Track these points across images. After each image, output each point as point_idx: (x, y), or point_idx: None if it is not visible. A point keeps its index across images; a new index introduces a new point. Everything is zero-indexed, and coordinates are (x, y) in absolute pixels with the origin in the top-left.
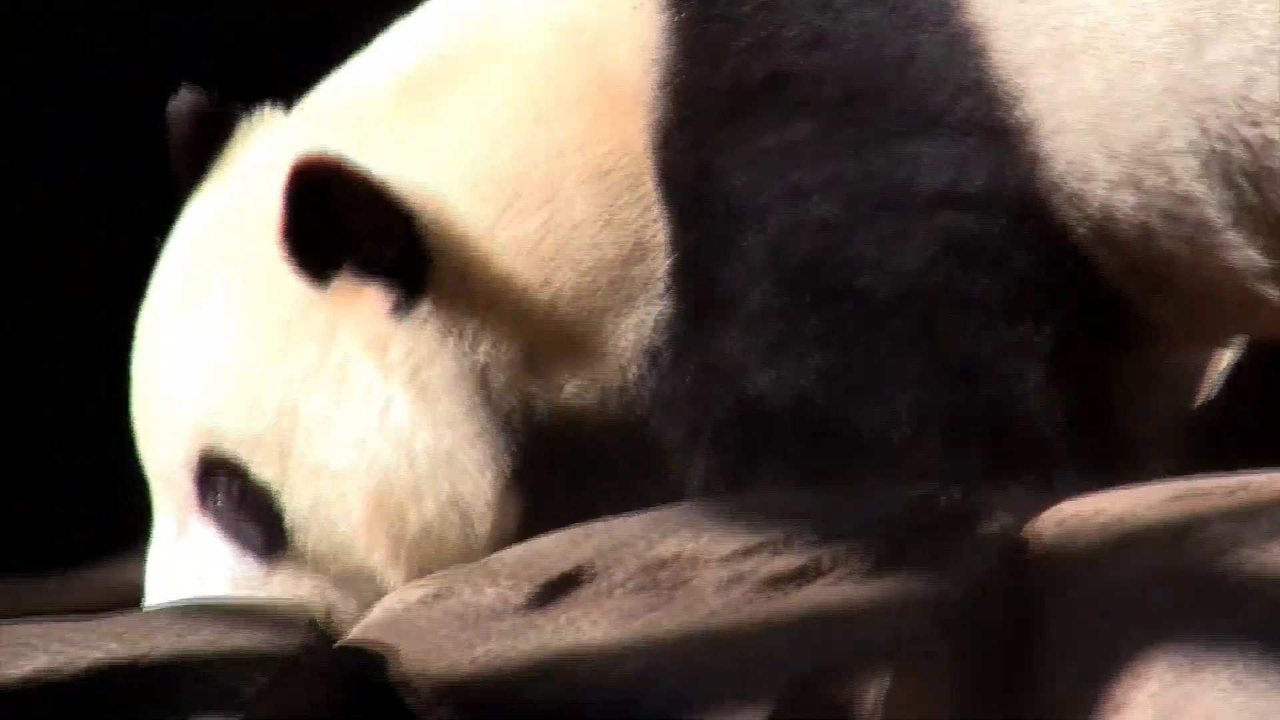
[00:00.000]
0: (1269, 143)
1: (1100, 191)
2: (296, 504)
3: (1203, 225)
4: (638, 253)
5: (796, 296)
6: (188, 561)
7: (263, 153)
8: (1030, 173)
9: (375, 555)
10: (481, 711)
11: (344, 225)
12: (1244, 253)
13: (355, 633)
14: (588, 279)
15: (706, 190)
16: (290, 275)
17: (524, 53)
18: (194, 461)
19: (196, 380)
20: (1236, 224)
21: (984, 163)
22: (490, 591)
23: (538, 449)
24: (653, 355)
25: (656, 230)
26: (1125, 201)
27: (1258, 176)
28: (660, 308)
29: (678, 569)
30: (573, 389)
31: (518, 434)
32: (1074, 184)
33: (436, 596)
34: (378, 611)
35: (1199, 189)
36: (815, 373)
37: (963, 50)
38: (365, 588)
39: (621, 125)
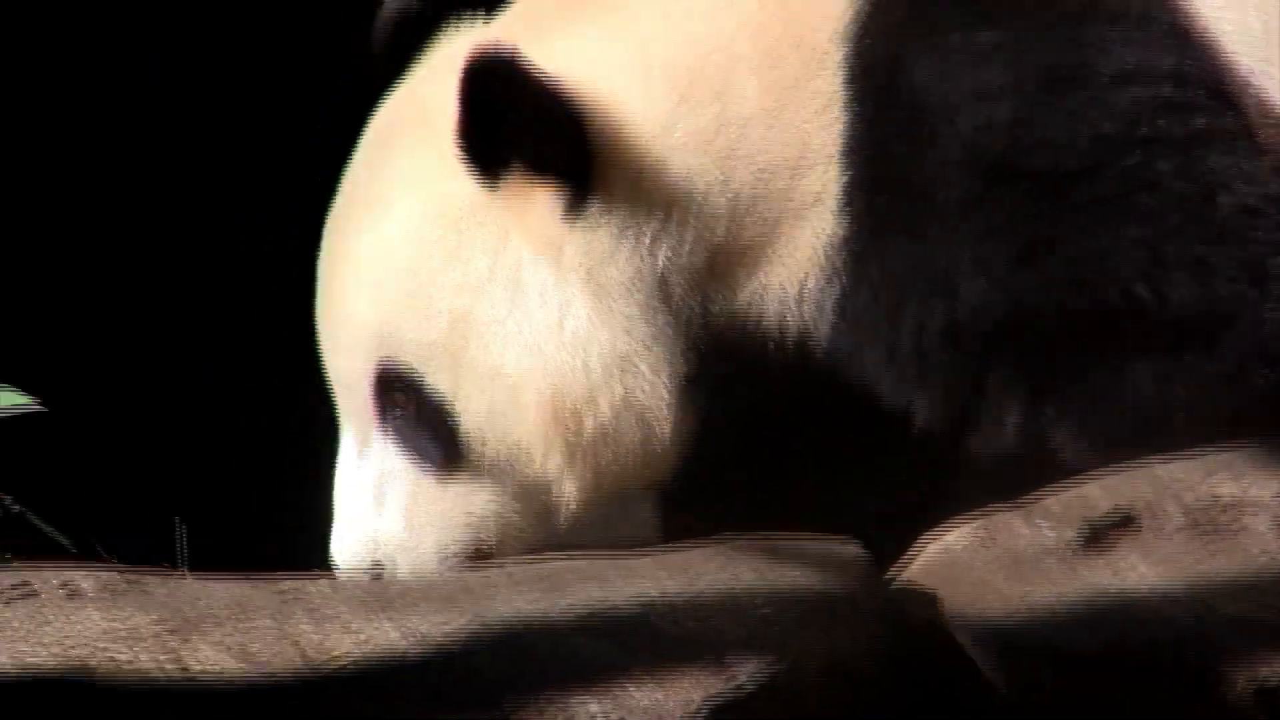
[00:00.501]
0: None
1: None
2: (472, 414)
3: None
4: (805, 161)
5: (995, 188)
6: (369, 477)
7: (450, 54)
8: (1217, 67)
9: (551, 462)
10: (1028, 655)
11: (513, 122)
12: None
13: (905, 575)
14: (763, 180)
15: (898, 83)
16: (464, 177)
17: None
18: (373, 374)
19: (374, 288)
20: None
21: (1171, 50)
22: (1036, 534)
23: (714, 355)
24: (832, 266)
25: (831, 135)
26: None
27: None
28: (839, 219)
29: (1225, 514)
30: (748, 295)
31: (696, 339)
32: (1260, 90)
33: (984, 539)
34: (927, 554)
35: None
36: (1027, 267)
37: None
38: (540, 497)
39: (807, 8)
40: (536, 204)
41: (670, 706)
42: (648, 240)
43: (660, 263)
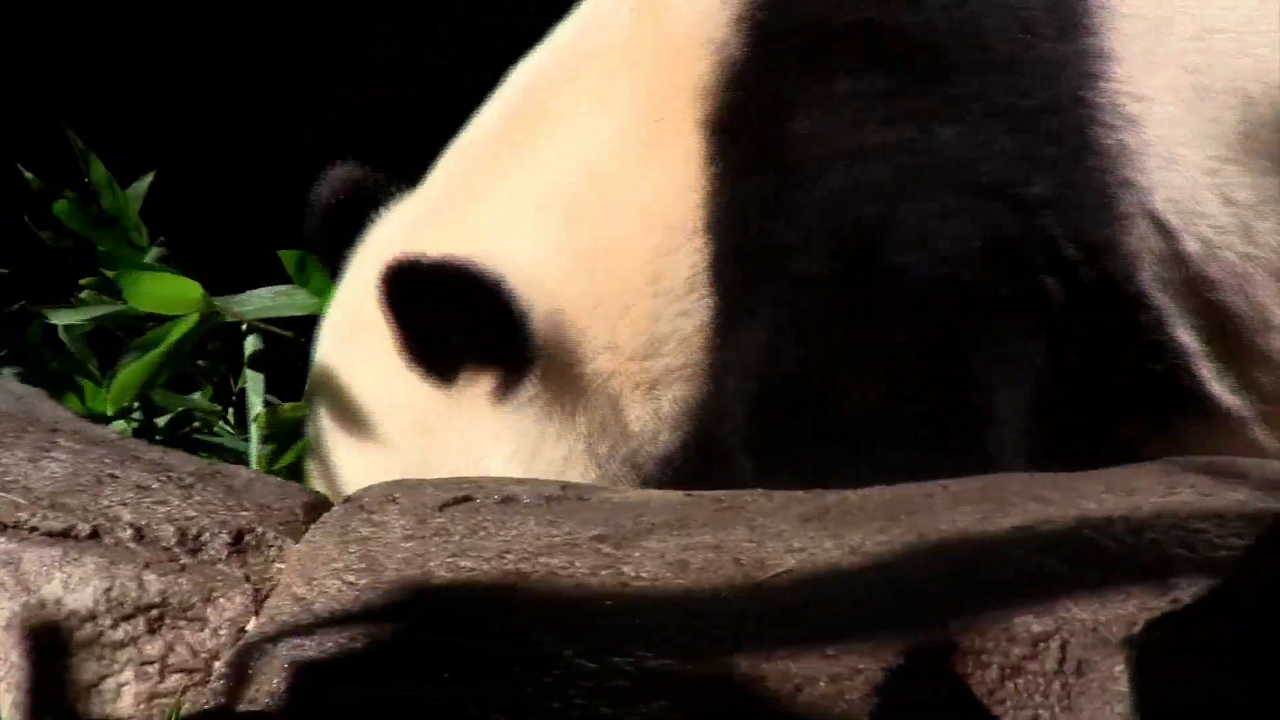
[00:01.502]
0: None
1: (1206, 233)
2: None
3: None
4: (671, 240)
5: (842, 269)
6: None
7: (376, 251)
8: (1117, 198)
9: None
10: None
11: (440, 324)
12: None
13: None
14: (630, 282)
15: (771, 133)
16: (419, 383)
17: (604, 50)
18: None
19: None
20: None
21: (1055, 172)
22: None
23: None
24: (713, 358)
25: (692, 203)
26: (1230, 250)
27: None
28: (708, 299)
29: None
30: (667, 427)
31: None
32: (1173, 220)
33: None
34: None
35: None
36: (837, 354)
37: (1075, 66)
38: None
39: (676, 80)
40: (479, 398)
41: (1111, 624)
42: (568, 409)
43: (581, 428)
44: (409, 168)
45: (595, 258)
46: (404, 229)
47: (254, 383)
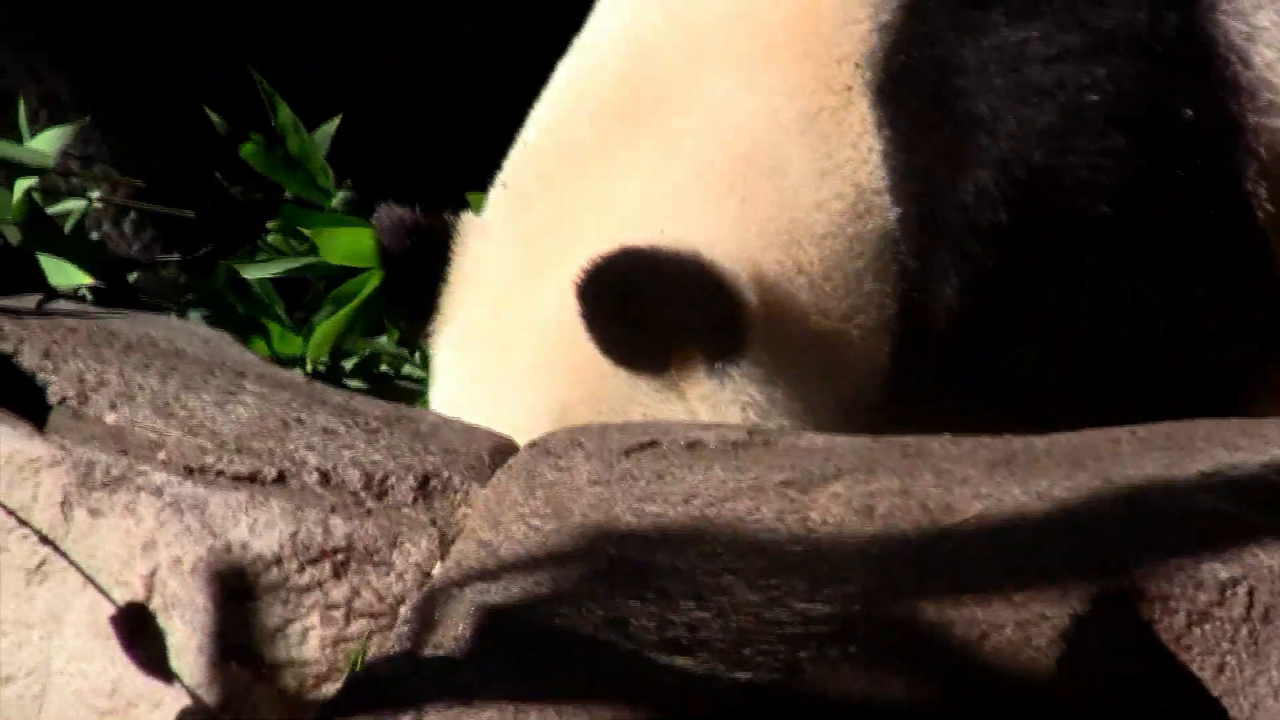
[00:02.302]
0: None
1: None
2: None
3: None
4: (861, 205)
5: (1018, 217)
6: None
7: (510, 272)
8: (1230, 136)
9: None
10: None
11: (655, 315)
12: None
13: None
14: (827, 243)
15: (941, 87)
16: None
17: (726, 22)
18: None
19: None
20: None
21: (1196, 100)
22: None
23: None
24: (912, 313)
25: (873, 165)
26: None
27: None
28: (901, 258)
29: None
30: (877, 385)
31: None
32: (1273, 166)
33: None
34: None
35: None
36: (1027, 306)
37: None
38: None
39: (833, 51)
40: (698, 376)
41: None
42: (774, 368)
43: (799, 383)
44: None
45: (783, 226)
46: (523, 241)
47: None
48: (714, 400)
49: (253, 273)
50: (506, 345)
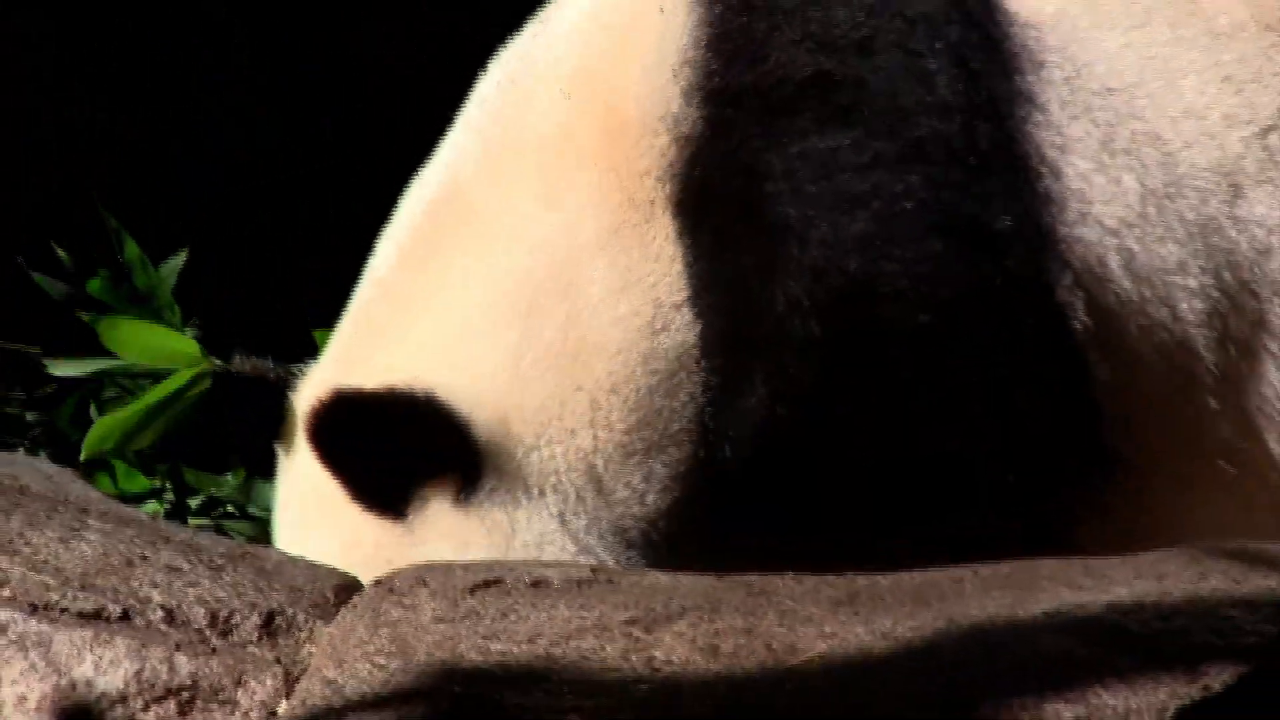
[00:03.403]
0: (1261, 321)
1: (1109, 300)
2: None
3: (1189, 377)
4: (659, 318)
5: (838, 327)
6: None
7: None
8: (1045, 246)
9: None
10: None
11: (376, 454)
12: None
13: None
14: (620, 360)
15: (748, 199)
16: (370, 521)
17: (539, 138)
18: None
19: None
20: (1217, 389)
21: (1010, 210)
22: None
23: (666, 559)
24: (709, 428)
25: (674, 280)
26: (1131, 320)
27: (1245, 350)
28: (701, 372)
29: None
30: (656, 492)
31: (635, 557)
32: (1086, 278)
33: None
34: None
35: (1198, 339)
36: (843, 417)
37: (1009, 107)
38: None
39: (637, 164)
40: (439, 511)
41: (1142, 711)
42: (536, 491)
43: (554, 506)
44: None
45: (568, 347)
46: (330, 370)
47: None
48: (463, 531)
49: (62, 369)
50: (302, 491)
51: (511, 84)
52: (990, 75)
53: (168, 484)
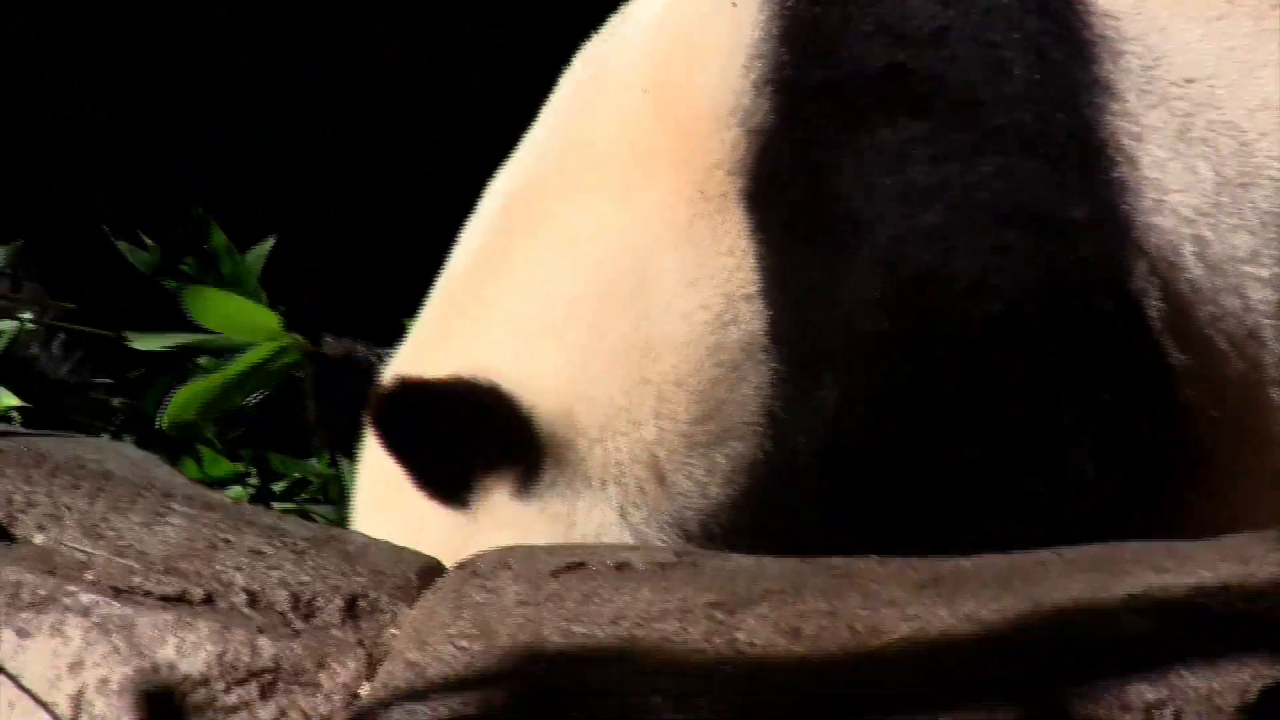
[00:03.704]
0: None
1: (1182, 287)
2: None
3: (1258, 367)
4: (729, 313)
5: (910, 319)
6: None
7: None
8: (1120, 234)
9: None
10: None
11: (441, 444)
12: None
13: None
14: (687, 354)
15: (818, 192)
16: (439, 511)
17: (614, 138)
18: None
19: None
20: None
21: (1085, 199)
22: None
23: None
24: (778, 420)
25: (744, 274)
26: (1203, 308)
27: None
28: (768, 367)
29: None
30: (719, 483)
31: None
32: (1160, 265)
33: None
34: None
35: (1268, 329)
36: (914, 413)
37: (1086, 95)
38: None
39: (708, 159)
40: (500, 501)
41: (1225, 692)
42: (597, 483)
43: (615, 498)
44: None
45: (637, 342)
46: (407, 360)
47: None
48: (524, 522)
49: (143, 343)
50: (375, 475)
51: (587, 83)
52: (1067, 64)
53: (253, 469)
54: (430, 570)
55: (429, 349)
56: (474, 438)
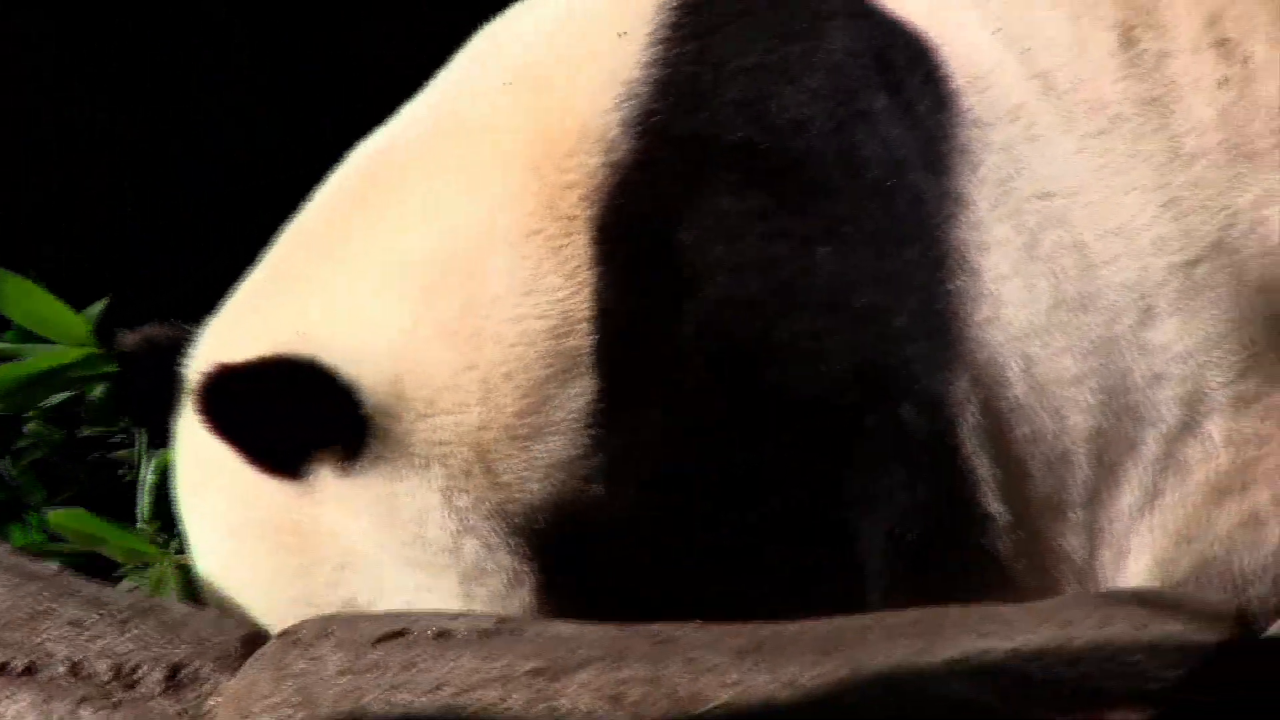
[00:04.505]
0: (1133, 446)
1: (1003, 403)
2: None
3: (1064, 487)
4: (564, 327)
5: (718, 381)
6: None
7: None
8: (946, 343)
9: None
10: None
11: (266, 419)
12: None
13: (1275, 629)
14: (516, 351)
15: (659, 239)
16: (272, 485)
17: (475, 126)
18: None
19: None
20: (1082, 502)
21: (917, 305)
22: None
23: (547, 551)
24: (593, 433)
25: (584, 297)
26: (1020, 427)
27: (1112, 471)
28: (592, 382)
29: None
30: (538, 479)
31: (518, 547)
32: (984, 378)
33: None
34: None
35: (1080, 454)
36: (717, 462)
37: (936, 202)
38: None
39: (559, 176)
40: (329, 477)
41: None
42: (421, 461)
43: (439, 480)
44: None
45: (462, 326)
46: (222, 335)
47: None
48: (348, 498)
49: None
50: (199, 455)
51: (476, 63)
52: (922, 172)
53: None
54: (253, 638)
55: (250, 318)
56: (296, 416)
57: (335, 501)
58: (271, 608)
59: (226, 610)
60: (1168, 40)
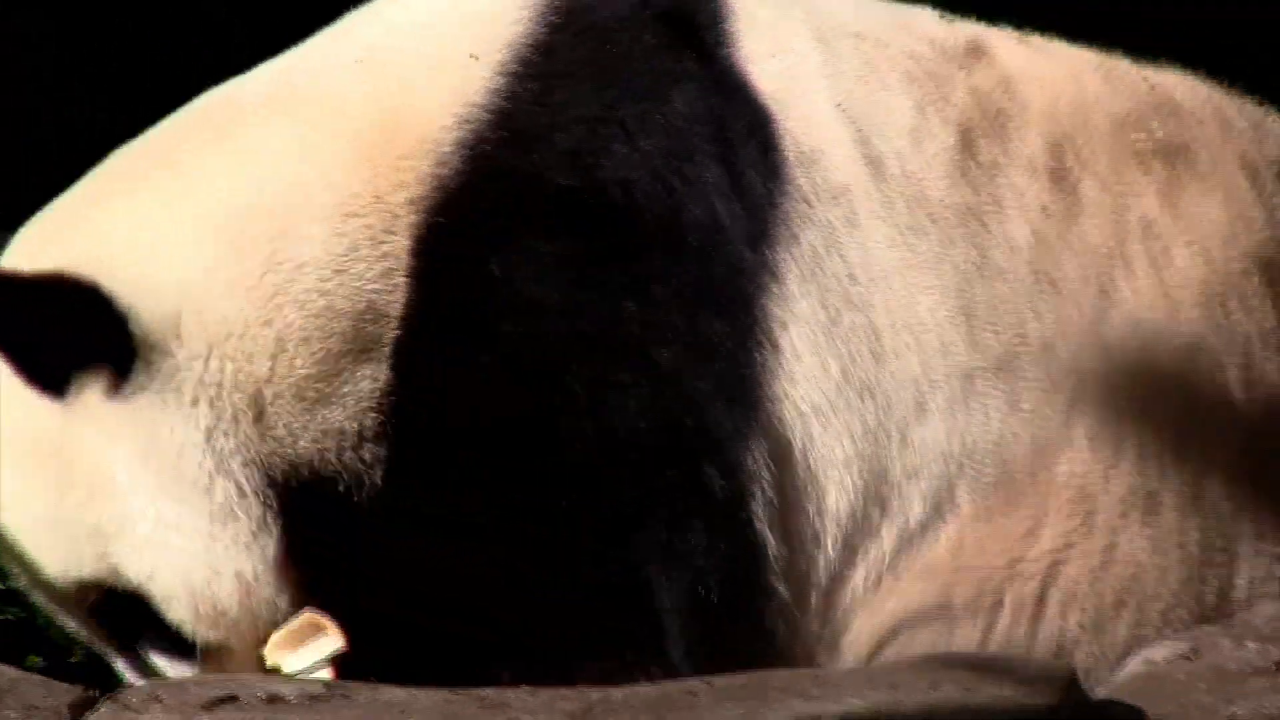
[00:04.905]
0: (874, 532)
1: (788, 479)
2: (165, 620)
3: (811, 566)
4: (370, 314)
5: (510, 417)
6: None
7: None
8: (744, 415)
9: (231, 642)
10: None
11: (38, 333)
12: None
13: (1106, 691)
14: (319, 321)
15: (468, 264)
16: (38, 405)
17: (321, 95)
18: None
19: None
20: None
21: (719, 372)
22: (1243, 653)
23: (300, 511)
24: (371, 416)
25: (395, 298)
26: (801, 505)
27: (850, 551)
28: (386, 373)
29: None
30: (309, 441)
31: (271, 499)
32: (778, 455)
33: (1186, 656)
34: (1129, 669)
35: (828, 536)
36: (505, 505)
37: (750, 272)
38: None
39: (391, 173)
40: (92, 399)
41: None
42: (189, 399)
43: (204, 419)
44: None
45: (270, 285)
46: (36, 235)
47: None
48: (110, 424)
49: None
50: None
51: (349, 32)
52: (740, 241)
53: None
54: (82, 703)
55: (62, 231)
56: (66, 333)
57: (97, 425)
58: (20, 525)
59: None
60: (1007, 153)
